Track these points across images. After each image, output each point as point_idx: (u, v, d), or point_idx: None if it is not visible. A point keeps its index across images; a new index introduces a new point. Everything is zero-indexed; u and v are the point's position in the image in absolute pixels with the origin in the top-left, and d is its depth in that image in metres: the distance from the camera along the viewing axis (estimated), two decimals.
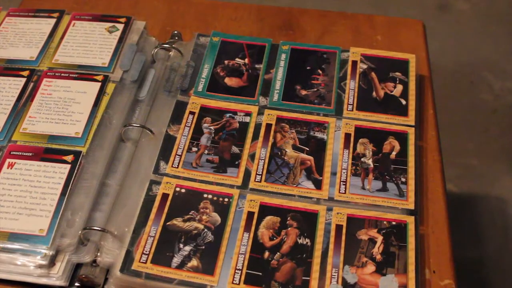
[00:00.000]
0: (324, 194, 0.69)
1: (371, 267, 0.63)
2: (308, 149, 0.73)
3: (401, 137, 0.74)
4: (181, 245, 0.63)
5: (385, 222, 0.66)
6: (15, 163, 0.69)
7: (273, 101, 0.78)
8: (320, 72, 0.82)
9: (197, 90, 0.79)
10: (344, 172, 0.71)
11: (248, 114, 0.77)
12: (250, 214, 0.66)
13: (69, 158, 0.69)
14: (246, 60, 0.84)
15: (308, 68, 0.82)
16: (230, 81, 0.81)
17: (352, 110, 0.77)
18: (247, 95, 0.79)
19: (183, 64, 0.82)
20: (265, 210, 0.67)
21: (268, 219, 0.66)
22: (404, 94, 0.79)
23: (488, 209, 1.52)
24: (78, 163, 0.69)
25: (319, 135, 0.75)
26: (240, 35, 0.88)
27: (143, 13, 0.92)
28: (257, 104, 0.78)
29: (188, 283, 0.61)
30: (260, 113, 0.77)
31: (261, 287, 0.61)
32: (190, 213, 0.66)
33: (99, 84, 0.78)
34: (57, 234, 0.63)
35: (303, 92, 0.80)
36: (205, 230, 0.65)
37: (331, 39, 0.89)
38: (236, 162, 0.71)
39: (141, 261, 0.62)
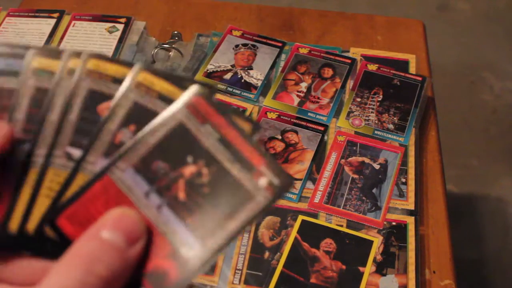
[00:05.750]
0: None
1: (371, 267, 0.62)
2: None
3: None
4: None
5: (385, 223, 0.66)
6: None
7: None
8: None
9: None
10: None
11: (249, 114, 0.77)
12: None
13: None
14: None
15: None
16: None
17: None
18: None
19: (183, 64, 0.82)
20: None
21: (268, 219, 0.66)
22: None
23: (488, 209, 1.52)
24: None
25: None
26: None
27: (143, 13, 0.92)
28: (257, 104, 0.78)
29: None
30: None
31: (261, 287, 0.61)
32: None
33: None
34: None
35: None
36: None
37: (331, 39, 0.89)
38: None
39: None
